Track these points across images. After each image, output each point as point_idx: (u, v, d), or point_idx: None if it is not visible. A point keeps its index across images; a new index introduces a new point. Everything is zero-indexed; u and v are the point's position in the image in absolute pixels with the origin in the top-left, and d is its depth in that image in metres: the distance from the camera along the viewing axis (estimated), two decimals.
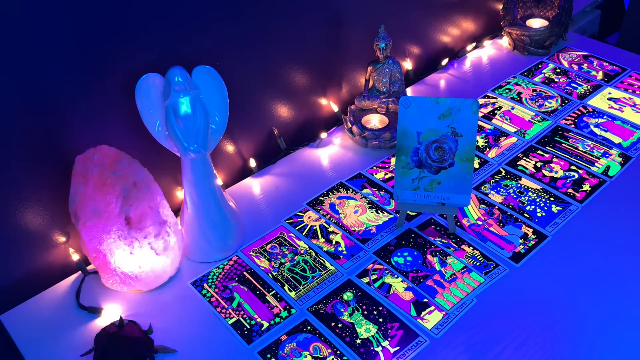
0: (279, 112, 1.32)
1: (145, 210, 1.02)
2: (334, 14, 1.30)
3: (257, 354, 0.96)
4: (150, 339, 0.98)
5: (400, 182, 1.10)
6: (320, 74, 1.35)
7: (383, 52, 1.32)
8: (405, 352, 0.95)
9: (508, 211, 1.17)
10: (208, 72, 1.05)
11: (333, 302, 1.03)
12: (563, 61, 1.56)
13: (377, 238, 1.14)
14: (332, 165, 1.32)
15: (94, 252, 1.01)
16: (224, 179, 1.28)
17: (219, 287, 1.07)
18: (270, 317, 1.02)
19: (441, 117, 1.06)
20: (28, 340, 1.01)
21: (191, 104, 1.02)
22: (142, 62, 1.04)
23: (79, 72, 0.99)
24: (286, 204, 1.23)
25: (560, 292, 1.02)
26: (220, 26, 1.13)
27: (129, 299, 1.07)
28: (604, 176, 1.22)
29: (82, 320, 1.04)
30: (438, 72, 1.57)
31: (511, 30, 1.59)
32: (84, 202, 0.99)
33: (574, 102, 1.42)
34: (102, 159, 1.00)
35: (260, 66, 1.23)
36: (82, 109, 1.02)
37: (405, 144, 1.08)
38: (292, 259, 1.11)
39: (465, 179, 1.07)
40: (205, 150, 1.05)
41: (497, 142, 1.33)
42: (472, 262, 1.08)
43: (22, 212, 1.03)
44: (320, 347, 0.97)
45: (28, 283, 1.08)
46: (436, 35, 1.56)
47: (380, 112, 1.38)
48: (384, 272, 1.07)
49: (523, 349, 0.94)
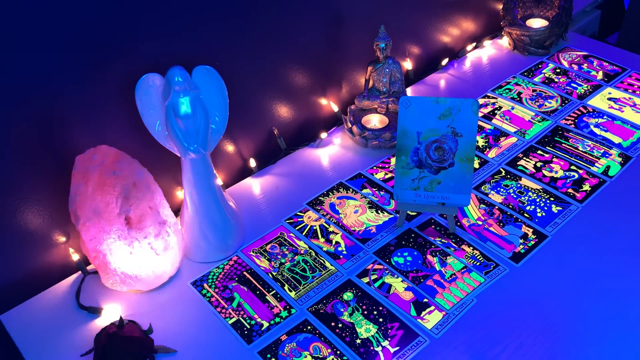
0: (279, 112, 1.32)
1: (145, 210, 1.02)
2: (334, 14, 1.30)
3: (257, 354, 0.96)
4: (150, 339, 0.98)
5: (400, 182, 1.10)
6: (320, 74, 1.35)
7: (383, 52, 1.32)
8: (405, 352, 0.95)
9: (508, 211, 1.17)
10: (208, 72, 1.05)
11: (333, 302, 1.03)
12: (563, 61, 1.56)
13: (377, 238, 1.14)
14: (332, 165, 1.32)
15: (94, 252, 1.01)
16: (224, 179, 1.28)
17: (219, 287, 1.07)
18: (270, 317, 1.02)
19: (441, 117, 1.06)
20: (28, 340, 1.01)
21: (191, 104, 1.02)
22: (142, 62, 1.04)
23: (79, 72, 0.99)
24: (286, 204, 1.22)
25: (560, 292, 1.02)
26: (220, 26, 1.13)
27: (129, 299, 1.07)
28: (604, 176, 1.22)
29: (82, 320, 1.04)
30: (438, 72, 1.57)
31: (511, 30, 1.59)
32: (84, 202, 0.99)
33: (574, 102, 1.42)
34: (102, 159, 1.00)
35: (260, 66, 1.23)
36: (82, 109, 1.02)
37: (405, 144, 1.08)
38: (292, 259, 1.11)
39: (465, 179, 1.07)
40: (205, 150, 1.05)
41: (497, 142, 1.33)
42: (472, 262, 1.08)
43: (22, 212, 1.03)
44: (320, 347, 0.97)
45: (28, 283, 1.08)
46: (436, 35, 1.56)
47: (380, 112, 1.38)
48: (384, 272, 1.07)
49: (523, 349, 0.94)
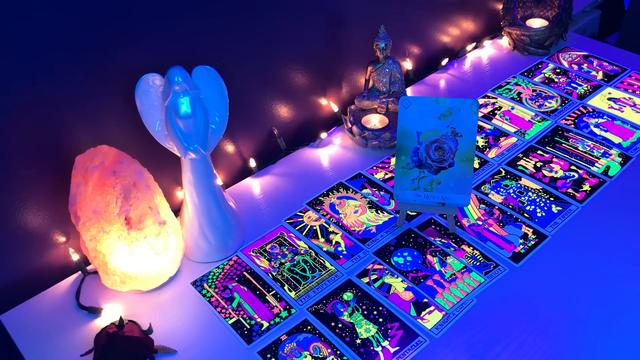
0: (279, 112, 1.32)
1: (145, 210, 1.02)
2: (334, 14, 1.30)
3: (257, 354, 0.96)
4: (150, 339, 0.98)
5: (400, 182, 1.10)
6: (320, 74, 1.35)
7: (383, 52, 1.32)
8: (405, 352, 0.95)
9: (508, 211, 1.17)
10: (208, 72, 1.05)
11: (333, 302, 1.03)
12: (563, 61, 1.56)
13: (377, 238, 1.14)
14: (332, 165, 1.32)
15: (94, 252, 1.01)
16: (224, 179, 1.28)
17: (219, 287, 1.07)
18: (270, 317, 1.02)
19: (441, 117, 1.06)
20: (28, 340, 1.01)
21: (191, 104, 1.02)
22: (142, 62, 1.04)
23: (79, 72, 0.99)
24: (286, 204, 1.22)
25: (560, 292, 1.02)
26: (220, 26, 1.13)
27: (129, 299, 1.07)
28: (604, 176, 1.22)
29: (82, 320, 1.04)
30: (438, 72, 1.57)
31: (511, 30, 1.59)
32: (84, 202, 0.99)
33: (574, 102, 1.42)
34: (102, 159, 1.00)
35: (260, 66, 1.23)
36: (82, 109, 1.02)
37: (405, 144, 1.08)
38: (292, 259, 1.11)
39: (465, 179, 1.07)
40: (205, 150, 1.05)
41: (497, 142, 1.33)
42: (472, 262, 1.08)
43: (22, 212, 1.03)
44: (320, 347, 0.97)
45: (28, 283, 1.08)
46: (436, 35, 1.56)
47: (380, 112, 1.38)
48: (384, 272, 1.07)
49: (523, 349, 0.94)
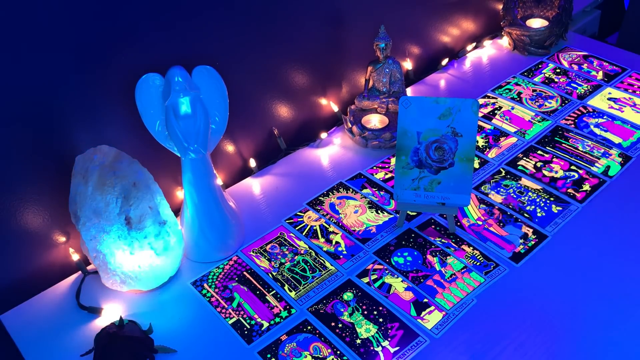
0: (279, 112, 1.32)
1: (145, 210, 1.02)
2: (334, 14, 1.30)
3: (257, 354, 0.96)
4: (150, 339, 0.98)
5: (400, 182, 1.10)
6: (320, 74, 1.35)
7: (383, 52, 1.32)
8: (405, 352, 0.95)
9: (508, 211, 1.17)
10: (208, 72, 1.05)
11: (333, 302, 1.03)
12: (563, 61, 1.56)
13: (377, 238, 1.14)
14: (332, 165, 1.32)
15: (94, 252, 1.01)
16: (224, 179, 1.28)
17: (219, 287, 1.07)
18: (270, 317, 1.02)
19: (441, 117, 1.06)
20: (28, 340, 1.01)
21: (191, 104, 1.02)
22: (142, 62, 1.04)
23: (79, 72, 0.99)
24: (286, 204, 1.22)
25: (560, 292, 1.02)
26: (220, 26, 1.13)
27: (129, 299, 1.07)
28: (604, 176, 1.22)
29: (82, 320, 1.04)
30: (438, 72, 1.57)
31: (511, 30, 1.59)
32: (84, 202, 0.99)
33: (574, 102, 1.42)
34: (102, 159, 1.00)
35: (260, 66, 1.23)
36: (82, 109, 1.02)
37: (405, 144, 1.08)
38: (292, 259, 1.11)
39: (465, 179, 1.07)
40: (205, 150, 1.05)
41: (497, 142, 1.33)
42: (472, 262, 1.08)
43: (22, 212, 1.03)
44: (320, 347, 0.97)
45: (28, 283, 1.08)
46: (436, 35, 1.56)
47: (380, 112, 1.38)
48: (384, 272, 1.07)
49: (523, 349, 0.94)
